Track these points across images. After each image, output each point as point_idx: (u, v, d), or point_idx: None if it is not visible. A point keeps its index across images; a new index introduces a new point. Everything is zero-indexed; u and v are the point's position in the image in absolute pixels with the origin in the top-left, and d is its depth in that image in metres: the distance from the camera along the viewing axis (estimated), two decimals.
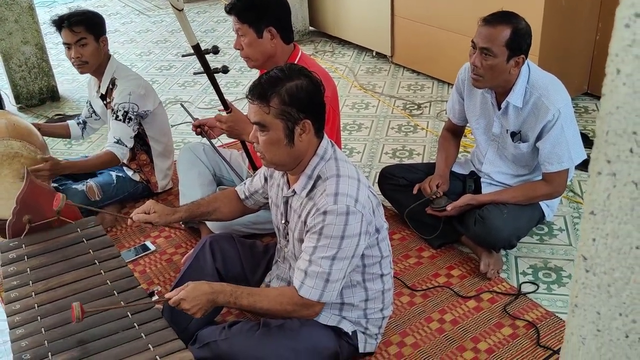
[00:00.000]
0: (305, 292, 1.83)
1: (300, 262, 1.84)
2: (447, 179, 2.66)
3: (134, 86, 2.86)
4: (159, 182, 3.11)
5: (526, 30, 2.32)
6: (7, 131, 2.61)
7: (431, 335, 2.24)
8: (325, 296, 1.84)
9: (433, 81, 4.39)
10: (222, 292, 1.81)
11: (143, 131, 2.98)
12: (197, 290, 1.78)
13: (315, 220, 1.80)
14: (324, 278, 1.81)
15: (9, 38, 4.19)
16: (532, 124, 2.41)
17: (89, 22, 2.79)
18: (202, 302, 1.77)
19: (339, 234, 1.77)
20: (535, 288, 2.44)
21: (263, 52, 2.41)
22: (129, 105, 2.83)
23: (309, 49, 5.13)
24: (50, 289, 1.86)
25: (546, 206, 2.60)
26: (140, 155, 3.04)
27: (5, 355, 2.27)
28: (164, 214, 2.05)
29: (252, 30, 2.37)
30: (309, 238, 1.83)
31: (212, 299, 1.79)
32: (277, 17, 2.39)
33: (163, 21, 6.27)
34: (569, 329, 0.70)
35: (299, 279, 1.84)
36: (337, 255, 1.79)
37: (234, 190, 2.23)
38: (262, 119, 1.78)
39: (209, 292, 1.79)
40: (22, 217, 2.08)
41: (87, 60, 2.82)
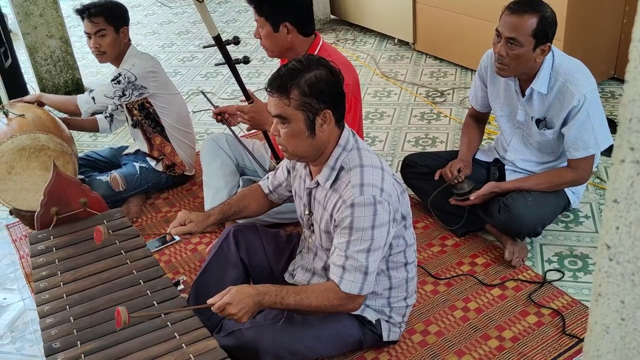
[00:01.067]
0: (346, 287, 1.82)
1: (336, 257, 1.84)
2: (470, 163, 2.64)
3: (142, 61, 2.88)
4: (185, 160, 3.11)
5: (552, 17, 2.28)
6: (33, 124, 2.65)
7: (455, 323, 2.24)
8: (365, 289, 1.84)
9: (456, 68, 4.35)
10: (267, 292, 1.78)
11: (154, 112, 2.98)
12: (242, 294, 1.74)
13: (343, 214, 1.79)
14: (362, 271, 1.81)
15: (35, 32, 4.25)
16: (557, 110, 2.38)
17: (109, 13, 2.82)
18: (248, 305, 1.73)
19: (370, 225, 1.78)
20: (561, 276, 2.42)
21: (279, 45, 2.42)
22: (125, 72, 2.84)
23: (330, 37, 5.12)
24: (78, 279, 1.89)
25: (572, 193, 2.57)
26: (155, 138, 3.04)
27: (36, 343, 2.33)
28: (199, 221, 2.04)
29: (269, 24, 2.38)
30: (340, 234, 1.82)
31: (258, 301, 1.76)
32: (293, 13, 2.37)
33: (185, 12, 6.29)
34: (592, 318, 0.69)
35: (337, 275, 1.83)
36: (371, 246, 1.80)
37: (259, 185, 2.23)
38: (282, 111, 1.78)
39: (254, 294, 1.75)
40: (49, 209, 2.12)
41: (105, 50, 2.85)
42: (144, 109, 2.97)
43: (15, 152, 2.56)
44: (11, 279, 2.71)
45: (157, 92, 2.94)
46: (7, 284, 2.68)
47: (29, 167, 2.61)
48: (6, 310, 2.53)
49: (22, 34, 4.24)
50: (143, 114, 2.99)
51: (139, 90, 2.88)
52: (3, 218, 3.12)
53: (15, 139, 2.56)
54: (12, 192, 2.61)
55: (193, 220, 2.03)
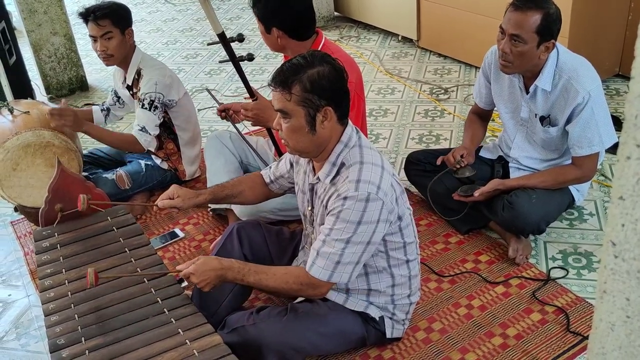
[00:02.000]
0: (315, 272, 1.84)
1: (316, 242, 1.86)
2: (472, 152, 2.63)
3: (160, 75, 2.88)
4: (187, 170, 3.14)
5: (557, 14, 2.27)
6: (38, 121, 2.66)
7: (459, 321, 2.24)
8: (334, 277, 1.84)
9: (460, 65, 4.34)
10: (231, 268, 1.85)
11: (169, 120, 3.01)
12: (206, 265, 1.82)
13: (335, 204, 1.81)
14: (334, 260, 1.82)
15: (39, 29, 4.26)
16: (561, 107, 2.37)
17: (115, 15, 2.81)
18: (210, 277, 1.81)
19: (356, 219, 1.78)
20: (565, 273, 2.41)
21: (272, 45, 2.46)
22: (155, 95, 2.86)
23: (334, 34, 5.11)
24: (82, 276, 1.90)
25: (576, 190, 2.57)
26: (168, 144, 3.07)
27: (41, 340, 2.34)
28: (187, 198, 2.07)
29: (261, 24, 2.40)
30: (327, 220, 1.84)
31: (221, 275, 1.83)
32: (281, 21, 2.37)
33: (189, 10, 6.29)
34: (597, 315, 0.69)
35: (311, 259, 1.86)
36: (351, 239, 1.80)
37: (259, 174, 2.24)
38: (283, 106, 1.78)
39: (217, 267, 1.83)
40: (54, 206, 2.13)
41: (112, 53, 2.84)
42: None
43: (20, 148, 2.57)
44: (16, 275, 2.72)
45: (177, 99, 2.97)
46: (12, 280, 2.69)
47: (34, 163, 2.61)
48: (11, 306, 2.54)
49: (27, 31, 4.25)
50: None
51: (169, 105, 2.95)
52: (8, 215, 3.13)
53: (20, 135, 2.57)
54: (17, 188, 2.62)
55: (181, 196, 2.06)
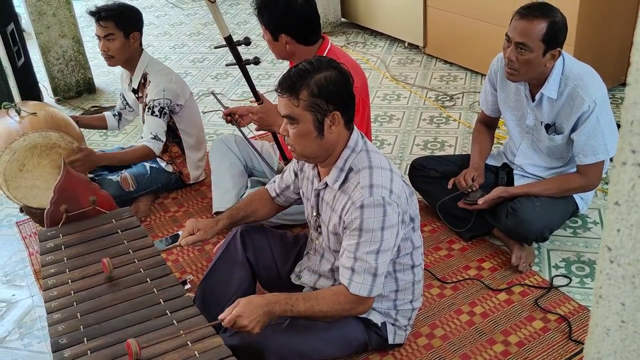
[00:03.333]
0: (355, 289, 1.82)
1: (345, 259, 1.84)
2: (482, 171, 2.64)
3: (167, 81, 2.90)
4: (191, 174, 3.16)
5: (563, 23, 2.28)
6: (45, 123, 2.67)
7: (461, 327, 2.24)
8: (374, 290, 1.84)
9: (466, 72, 4.35)
10: (277, 301, 1.79)
11: (174, 124, 3.02)
12: (251, 305, 1.74)
13: (352, 215, 1.80)
14: (371, 273, 1.81)
15: (47, 32, 4.29)
16: (567, 115, 2.37)
17: (119, 17, 2.82)
18: (259, 315, 1.74)
19: (379, 226, 1.78)
20: (568, 281, 2.41)
21: (280, 52, 2.47)
22: (163, 101, 2.88)
23: (340, 40, 5.13)
24: (86, 276, 1.91)
25: (580, 199, 2.56)
26: (172, 147, 3.09)
27: (44, 340, 2.35)
28: (208, 228, 2.05)
29: (268, 32, 2.41)
30: (349, 235, 1.83)
31: (269, 310, 1.76)
32: (290, 26, 2.39)
33: (196, 14, 6.33)
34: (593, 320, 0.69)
35: (346, 277, 1.83)
36: (381, 248, 1.80)
37: (265, 189, 2.24)
38: (291, 111, 1.79)
39: (264, 304, 1.76)
40: (59, 207, 2.14)
41: (113, 54, 2.86)
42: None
43: (27, 149, 2.58)
44: (20, 275, 2.73)
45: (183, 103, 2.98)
46: (17, 280, 2.70)
47: (40, 164, 2.63)
48: (15, 306, 2.55)
49: (35, 33, 4.28)
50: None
51: (176, 108, 2.97)
52: (13, 215, 3.15)
53: (27, 136, 2.59)
54: (23, 189, 2.63)
55: (201, 229, 2.05)
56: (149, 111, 2.89)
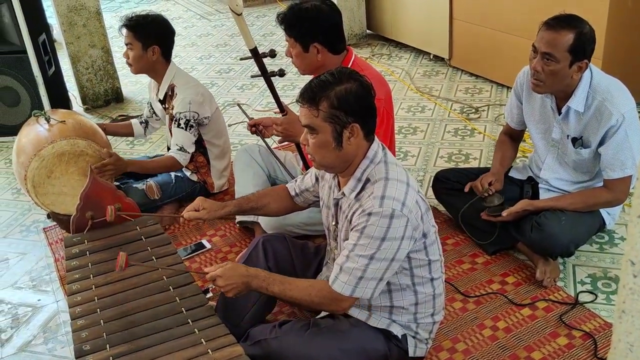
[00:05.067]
0: (337, 287, 1.84)
1: (339, 257, 1.87)
2: (501, 178, 2.61)
3: (193, 94, 2.93)
4: (215, 183, 3.18)
5: (590, 34, 2.26)
6: (73, 130, 2.72)
7: (483, 342, 2.21)
8: (357, 292, 1.84)
9: (492, 84, 4.32)
10: (257, 276, 1.87)
11: (200, 135, 3.05)
12: (233, 271, 1.85)
13: (359, 219, 1.81)
14: (357, 275, 1.81)
15: (77, 42, 4.38)
16: (594, 129, 2.34)
17: (138, 29, 2.88)
18: (236, 283, 1.83)
19: (380, 236, 1.77)
20: (594, 298, 2.37)
21: (310, 65, 2.46)
22: (190, 114, 2.91)
23: (365, 52, 5.14)
24: (109, 282, 1.93)
25: (607, 214, 2.52)
26: (198, 157, 3.12)
27: (67, 345, 2.37)
28: (212, 210, 2.10)
29: (299, 44, 2.41)
30: (351, 236, 1.84)
31: (247, 282, 1.85)
32: (322, 33, 2.40)
33: (223, 25, 6.40)
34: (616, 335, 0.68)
35: (334, 273, 1.86)
36: (374, 255, 1.79)
37: (285, 187, 2.26)
38: (311, 122, 1.80)
39: (244, 274, 1.85)
40: (85, 213, 2.17)
41: (131, 63, 2.94)
42: None
43: (55, 157, 2.63)
44: (46, 281, 2.77)
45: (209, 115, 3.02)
46: (42, 285, 2.74)
47: (68, 172, 2.68)
48: (40, 311, 2.59)
49: (66, 43, 4.37)
50: None
51: (203, 121, 3.00)
52: (41, 221, 3.20)
53: (55, 144, 2.64)
54: (50, 195, 2.68)
55: (206, 208, 2.09)
56: (175, 123, 2.92)
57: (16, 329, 2.50)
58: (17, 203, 3.42)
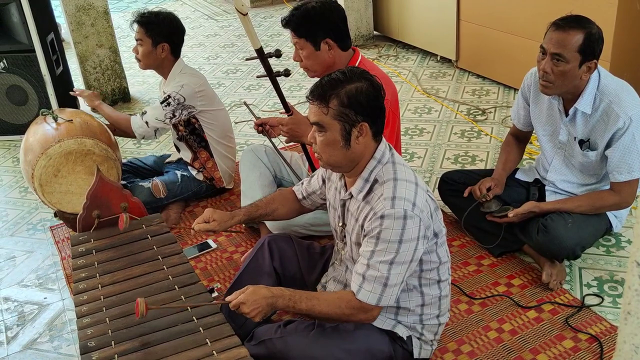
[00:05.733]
0: (363, 296, 1.82)
1: (358, 266, 1.84)
2: (502, 182, 2.61)
3: (189, 81, 2.94)
4: (224, 177, 3.18)
5: (599, 34, 2.25)
6: (81, 130, 2.73)
7: (488, 344, 2.20)
8: (383, 300, 1.83)
9: (499, 86, 4.31)
10: (281, 296, 1.81)
11: (200, 127, 3.05)
12: (256, 294, 1.78)
13: (372, 224, 1.80)
14: (382, 282, 1.80)
15: (85, 41, 4.39)
16: (601, 131, 2.33)
17: (149, 26, 2.89)
18: (261, 306, 1.77)
19: (397, 238, 1.77)
20: (600, 301, 2.36)
21: (322, 64, 2.45)
22: (175, 94, 2.91)
23: (372, 53, 5.14)
24: (115, 282, 1.94)
25: (614, 217, 2.51)
26: (200, 152, 3.12)
27: (73, 343, 2.38)
28: (222, 221, 2.07)
29: (309, 43, 2.41)
30: (366, 242, 1.83)
31: (272, 303, 1.79)
32: (332, 28, 2.41)
33: (231, 25, 6.41)
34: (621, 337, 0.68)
35: (356, 283, 1.84)
36: (395, 259, 1.79)
37: (292, 190, 2.25)
38: (320, 119, 1.80)
39: (268, 296, 1.79)
40: (91, 212, 2.18)
41: (139, 58, 2.96)
42: (190, 125, 3.04)
43: (62, 155, 2.64)
44: (52, 279, 2.78)
45: (204, 109, 3.01)
46: (49, 284, 2.76)
47: (75, 170, 2.68)
48: (46, 309, 2.60)
49: (74, 42, 4.39)
50: (189, 129, 3.05)
51: (187, 109, 2.97)
52: (48, 220, 3.21)
53: (62, 143, 2.65)
54: (57, 194, 2.69)
55: (216, 220, 2.07)
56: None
57: (22, 327, 2.51)
58: (25, 201, 3.43)
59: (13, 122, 4.03)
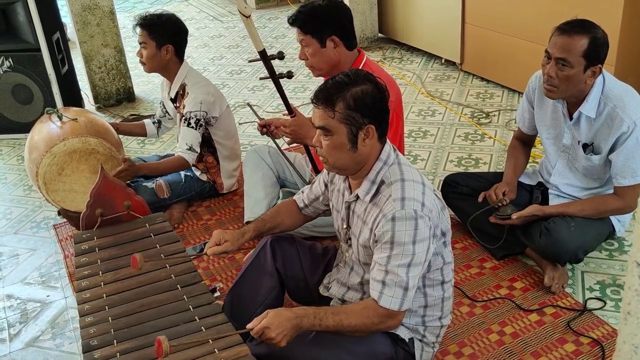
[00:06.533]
0: (385, 302, 1.80)
1: (376, 272, 1.82)
2: (515, 187, 2.61)
3: (204, 94, 2.95)
4: (225, 183, 3.19)
5: (604, 39, 2.25)
6: (85, 129, 2.74)
7: (490, 347, 2.20)
8: (405, 304, 1.82)
9: (503, 90, 4.31)
10: (306, 315, 1.77)
11: (209, 134, 3.06)
12: (280, 317, 1.72)
13: (383, 228, 1.79)
14: (402, 286, 1.79)
15: (91, 41, 4.41)
16: (605, 135, 2.33)
17: (152, 28, 2.90)
18: (287, 329, 1.71)
19: (411, 239, 1.77)
20: (602, 305, 2.35)
21: (327, 61, 2.45)
22: (200, 114, 2.92)
23: (377, 55, 5.14)
24: (118, 280, 1.94)
25: (617, 221, 2.51)
26: (207, 157, 3.13)
27: (75, 341, 2.39)
28: (234, 240, 2.06)
29: (315, 40, 2.42)
30: (380, 249, 1.81)
31: (297, 324, 1.74)
32: (339, 26, 2.41)
33: (235, 27, 6.42)
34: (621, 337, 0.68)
35: (377, 290, 1.81)
36: (412, 261, 1.78)
37: (293, 200, 2.25)
38: (326, 123, 1.80)
39: (292, 317, 1.74)
40: (95, 211, 2.19)
41: (144, 61, 2.96)
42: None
43: (66, 154, 2.65)
44: (55, 277, 2.79)
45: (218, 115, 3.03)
46: (52, 282, 2.76)
47: (79, 169, 2.69)
48: (49, 307, 2.61)
49: (79, 42, 4.40)
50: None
51: (211, 121, 3.01)
52: (51, 218, 3.22)
53: (67, 141, 2.66)
54: (61, 192, 2.70)
55: (228, 240, 2.05)
56: (185, 122, 2.94)
57: (25, 324, 2.52)
58: (29, 200, 3.45)
59: (18, 120, 4.05)
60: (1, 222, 3.25)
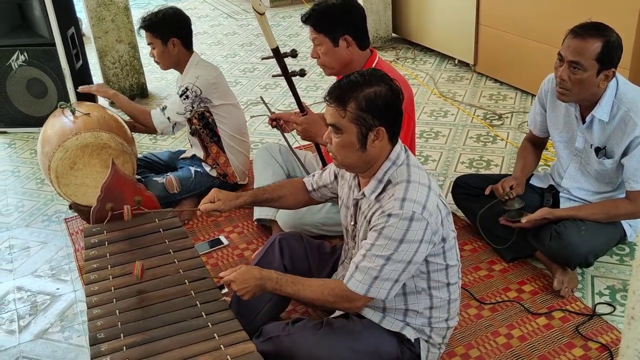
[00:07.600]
0: (352, 285, 1.84)
1: (356, 256, 1.86)
2: (523, 183, 2.60)
3: (205, 73, 2.97)
4: (237, 173, 3.19)
5: (618, 42, 2.23)
6: (97, 123, 2.76)
7: (497, 350, 2.19)
8: (371, 292, 1.83)
9: (516, 91, 4.28)
10: (269, 278, 1.87)
11: (213, 121, 3.07)
12: (247, 274, 1.85)
13: (378, 220, 1.80)
14: (372, 275, 1.81)
15: (105, 36, 4.44)
16: (618, 139, 2.31)
17: (153, 27, 2.92)
18: (250, 286, 1.84)
19: (398, 237, 1.77)
20: (612, 310, 2.33)
21: (339, 60, 2.45)
22: (192, 86, 2.93)
23: (390, 55, 5.13)
24: (126, 273, 1.95)
25: (628, 225, 2.49)
26: (211, 147, 3.13)
27: (83, 334, 2.41)
28: (228, 200, 2.11)
29: (328, 39, 2.41)
30: (369, 235, 1.84)
31: (261, 284, 1.86)
32: (352, 25, 2.41)
33: (250, 24, 6.43)
34: (624, 341, 0.67)
35: (349, 272, 1.86)
36: (391, 256, 1.78)
37: (302, 180, 2.26)
38: (337, 121, 1.80)
39: (257, 277, 1.86)
40: (105, 205, 2.20)
41: (158, 60, 2.99)
42: (204, 119, 3.06)
43: (78, 148, 2.67)
44: (65, 270, 2.81)
45: (219, 103, 3.02)
46: (61, 275, 2.79)
47: (90, 163, 2.71)
48: (58, 300, 2.63)
49: (94, 37, 4.43)
50: (202, 123, 3.07)
51: (204, 102, 2.99)
52: (62, 212, 3.25)
53: (79, 136, 2.68)
54: (73, 186, 2.72)
55: (221, 199, 2.10)
56: (177, 91, 2.97)
57: (34, 317, 2.54)
58: (41, 193, 3.48)
59: (32, 114, 4.08)
60: (13, 215, 3.28)
